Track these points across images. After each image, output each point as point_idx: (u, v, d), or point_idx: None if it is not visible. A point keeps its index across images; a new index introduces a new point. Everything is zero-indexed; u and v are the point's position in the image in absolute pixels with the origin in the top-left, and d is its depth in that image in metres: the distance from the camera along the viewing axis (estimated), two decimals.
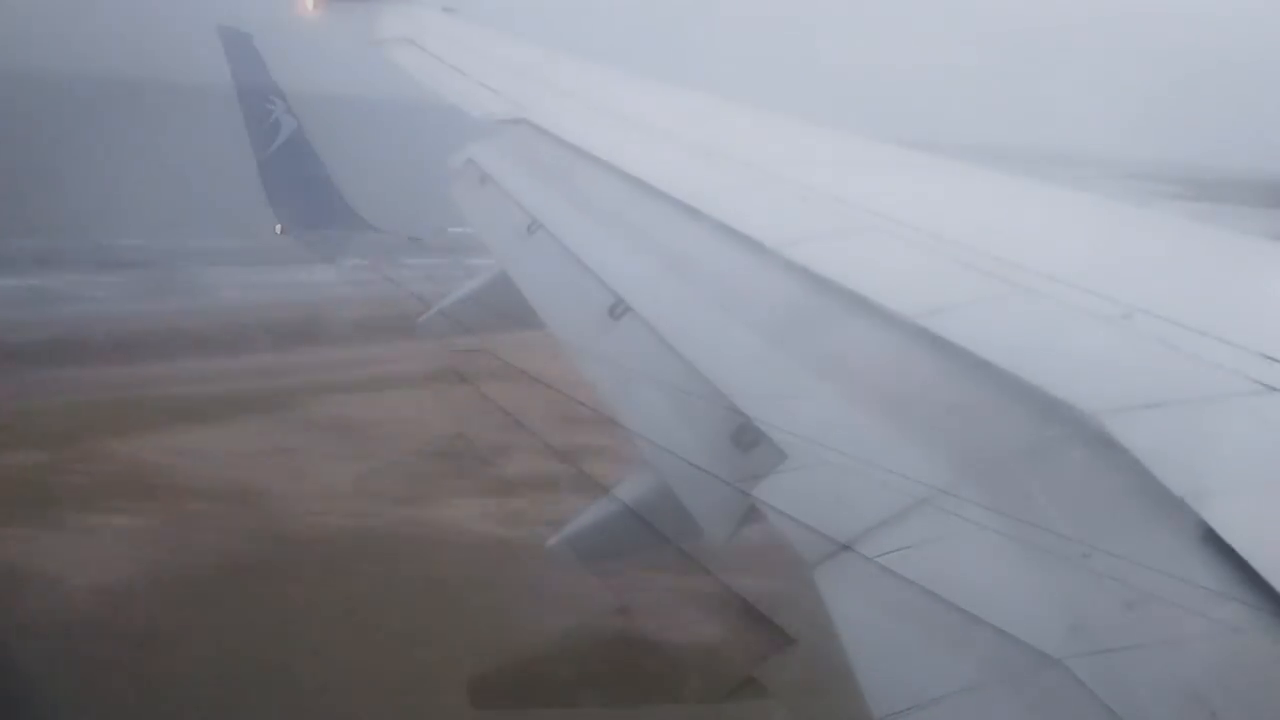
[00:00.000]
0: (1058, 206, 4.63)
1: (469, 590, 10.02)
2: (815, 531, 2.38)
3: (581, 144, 5.84)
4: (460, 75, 8.58)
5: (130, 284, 21.93)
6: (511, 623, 8.47)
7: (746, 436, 2.88)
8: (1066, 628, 1.82)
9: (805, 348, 3.13)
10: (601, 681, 5.32)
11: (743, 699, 3.22)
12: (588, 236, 4.71)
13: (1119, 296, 2.90)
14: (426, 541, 11.43)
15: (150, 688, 8.51)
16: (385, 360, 15.44)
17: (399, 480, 12.57)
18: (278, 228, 11.74)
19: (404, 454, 13.20)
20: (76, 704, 7.90)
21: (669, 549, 3.35)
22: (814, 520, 2.46)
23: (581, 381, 3.91)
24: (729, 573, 3.25)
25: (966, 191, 4.96)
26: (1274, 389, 2.33)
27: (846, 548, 2.25)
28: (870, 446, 2.59)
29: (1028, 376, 2.46)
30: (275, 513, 11.97)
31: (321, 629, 9.47)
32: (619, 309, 3.87)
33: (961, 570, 2.12)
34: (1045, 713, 1.75)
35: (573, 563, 3.64)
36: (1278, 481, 2.10)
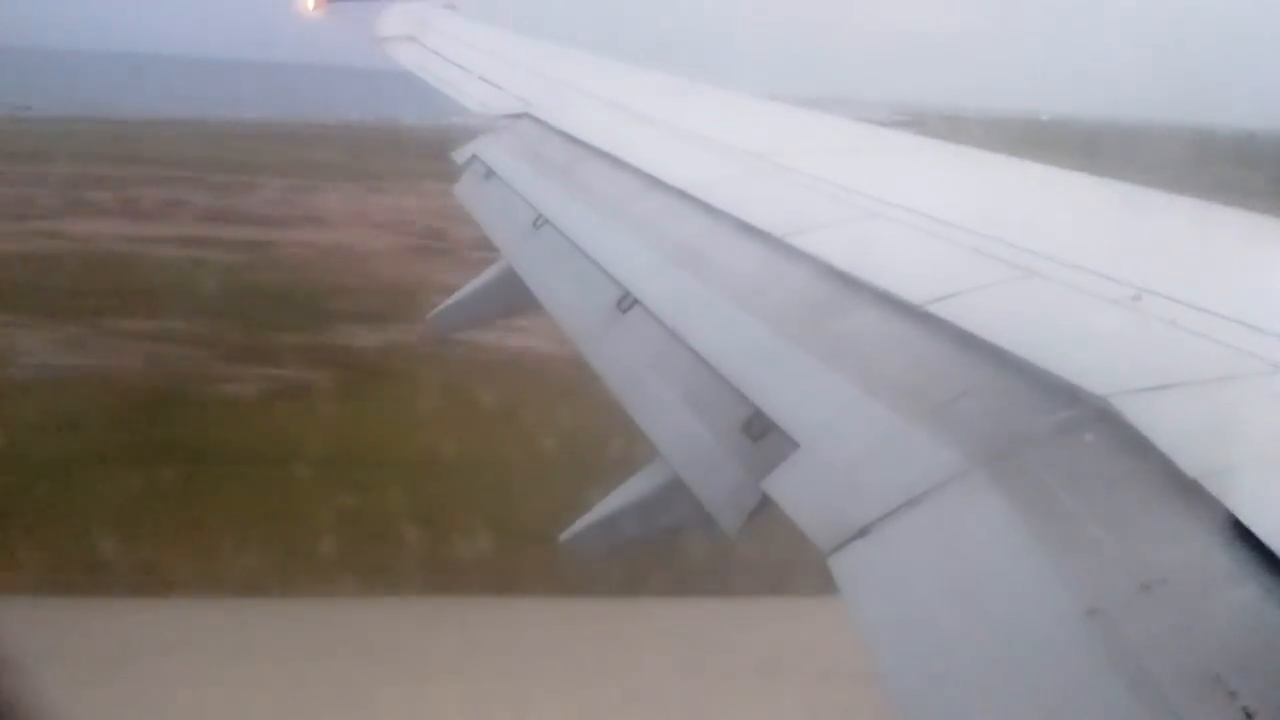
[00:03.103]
0: (1063, 188, 4.61)
1: None
2: (829, 519, 2.38)
3: (585, 137, 5.83)
4: (462, 71, 8.59)
5: None
6: None
7: (757, 426, 2.88)
8: (1082, 610, 1.82)
9: (814, 336, 3.12)
10: None
11: None
12: (593, 230, 4.71)
13: (1127, 278, 2.89)
14: None
15: None
16: None
17: None
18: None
19: None
20: None
21: (681, 540, 3.35)
22: (827, 507, 2.46)
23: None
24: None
25: (970, 175, 4.94)
26: None
27: (861, 534, 2.25)
28: (881, 433, 2.59)
29: (1037, 361, 2.45)
30: None
31: None
32: (626, 302, 3.87)
33: (974, 555, 2.12)
34: (1060, 691, 1.75)
35: (585, 556, 3.65)
36: None
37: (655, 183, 4.75)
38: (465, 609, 14.04)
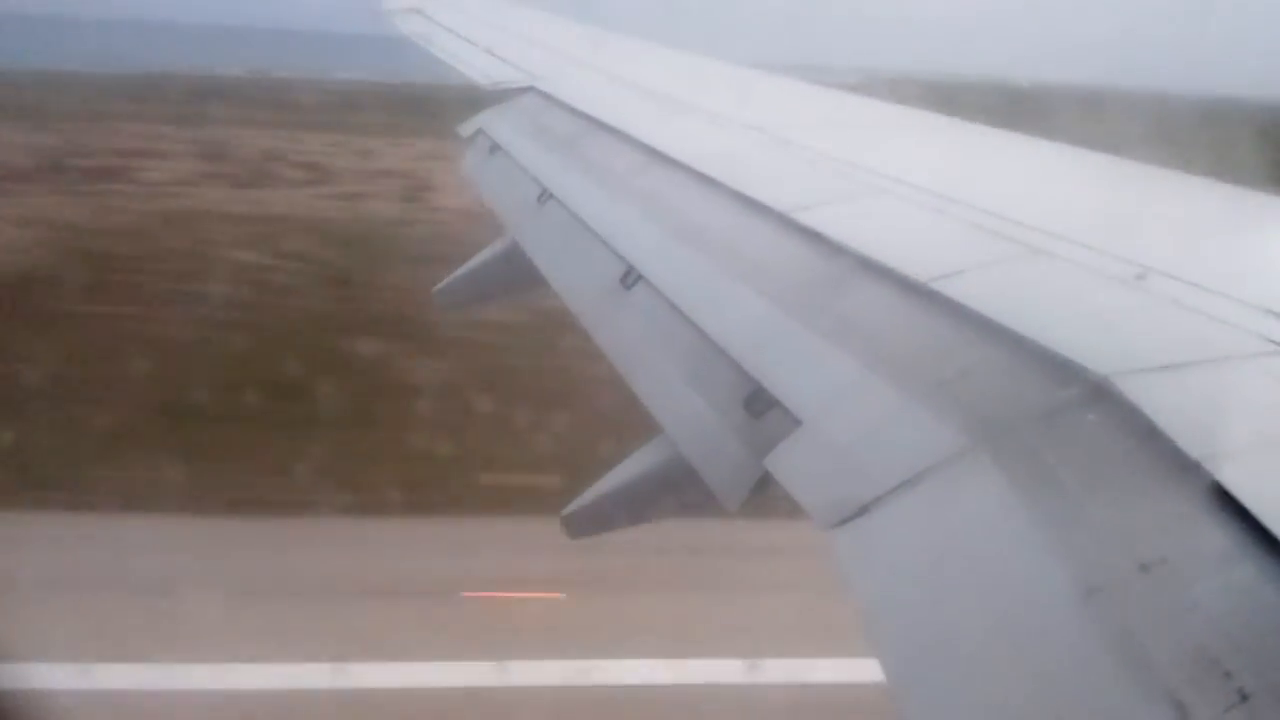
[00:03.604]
0: (1068, 166, 4.59)
1: None
2: (830, 496, 2.38)
3: (591, 112, 5.81)
4: (469, 44, 8.55)
5: None
6: None
7: (759, 403, 2.88)
8: (1082, 589, 1.82)
9: (817, 313, 3.11)
10: None
11: None
12: (598, 205, 4.69)
13: (1132, 257, 2.88)
14: None
15: None
16: None
17: None
18: None
19: None
20: None
21: (683, 515, 3.36)
22: (828, 485, 2.46)
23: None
24: None
25: (975, 152, 4.92)
26: None
27: (861, 512, 2.25)
28: (883, 411, 2.59)
29: (1040, 339, 2.45)
30: None
31: None
32: (631, 277, 3.86)
33: (974, 533, 2.12)
34: (1059, 669, 1.75)
35: (587, 530, 3.66)
36: None
37: (659, 157, 4.74)
38: None
